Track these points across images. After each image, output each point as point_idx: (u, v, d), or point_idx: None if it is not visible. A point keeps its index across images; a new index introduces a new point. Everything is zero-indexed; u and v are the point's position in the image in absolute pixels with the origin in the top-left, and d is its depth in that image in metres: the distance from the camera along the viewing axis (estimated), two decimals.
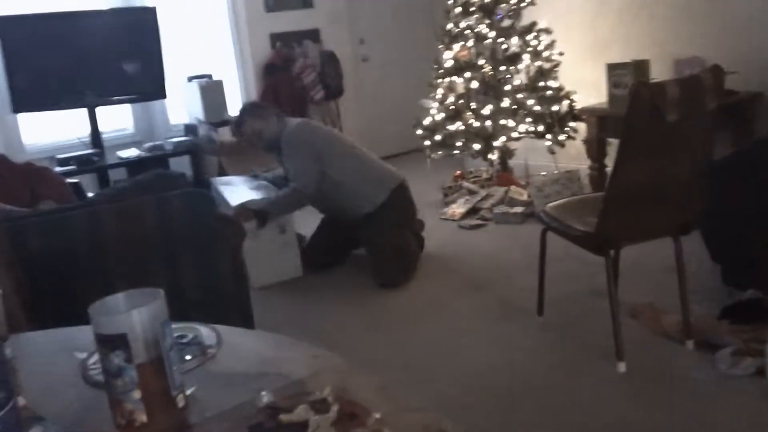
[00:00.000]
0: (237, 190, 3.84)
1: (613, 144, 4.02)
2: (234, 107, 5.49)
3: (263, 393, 0.87)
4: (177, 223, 2.24)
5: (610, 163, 2.44)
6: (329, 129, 3.81)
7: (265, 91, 5.69)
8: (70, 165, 4.51)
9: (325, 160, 3.56)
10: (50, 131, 5.03)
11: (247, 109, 3.81)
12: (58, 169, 4.33)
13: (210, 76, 5.27)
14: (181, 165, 5.06)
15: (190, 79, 5.23)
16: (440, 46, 4.80)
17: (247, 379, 0.96)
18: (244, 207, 3.52)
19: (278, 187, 3.83)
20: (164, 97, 5.07)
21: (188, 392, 0.93)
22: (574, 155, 4.60)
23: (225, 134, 5.00)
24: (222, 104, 5.19)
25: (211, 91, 5.13)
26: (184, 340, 1.10)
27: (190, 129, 5.26)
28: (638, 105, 2.28)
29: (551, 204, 2.79)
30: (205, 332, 1.13)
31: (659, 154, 2.34)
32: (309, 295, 3.55)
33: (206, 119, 5.08)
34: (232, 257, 2.39)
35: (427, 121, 4.83)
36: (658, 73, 4.08)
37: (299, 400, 0.84)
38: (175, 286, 2.18)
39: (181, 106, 5.44)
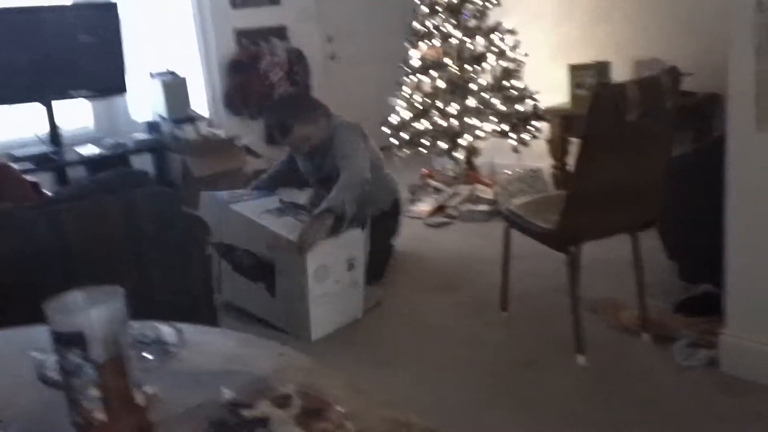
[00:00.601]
0: (262, 211, 3.10)
1: (575, 143, 4.08)
2: (198, 104, 5.44)
3: (225, 390, 0.87)
4: (142, 222, 2.21)
5: (572, 162, 2.50)
6: None
7: (231, 89, 5.64)
8: (27, 163, 4.40)
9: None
10: (5, 127, 4.91)
11: (294, 113, 3.27)
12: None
13: (174, 73, 5.20)
14: (144, 163, 4.99)
15: (153, 75, 5.15)
16: (406, 44, 4.83)
17: (211, 378, 0.96)
18: (318, 219, 2.86)
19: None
20: (124, 92, 4.98)
21: (150, 391, 0.92)
22: (538, 154, 4.66)
23: (189, 132, 4.94)
24: (185, 101, 5.12)
25: (175, 87, 5.05)
26: (146, 339, 1.09)
27: (152, 126, 5.18)
28: (599, 105, 2.33)
29: (515, 202, 2.83)
30: (168, 331, 1.13)
31: (620, 154, 2.39)
32: None
33: (169, 116, 5.02)
34: (199, 256, 2.37)
35: (394, 120, 4.85)
36: (619, 74, 4.16)
37: (262, 396, 0.84)
38: (140, 286, 2.16)
39: (144, 103, 5.35)
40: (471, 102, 4.60)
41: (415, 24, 4.77)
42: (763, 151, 2.16)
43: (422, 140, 4.75)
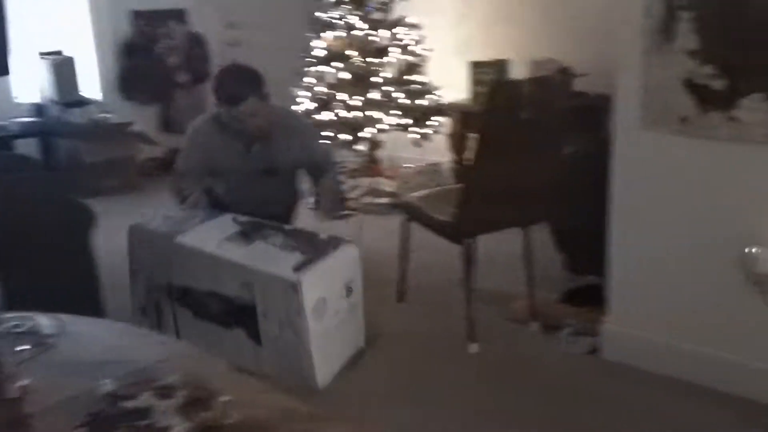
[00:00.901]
0: (221, 240, 2.52)
1: (474, 139, 4.19)
2: (91, 88, 5.18)
3: (105, 381, 0.84)
4: (20, 208, 2.09)
5: (471, 156, 2.58)
6: None
7: (126, 73, 5.41)
8: None
9: None
10: None
11: (249, 85, 2.90)
12: None
13: (63, 54, 4.93)
14: (30, 148, 4.70)
15: (41, 55, 4.86)
16: (310, 34, 4.79)
17: (90, 368, 0.92)
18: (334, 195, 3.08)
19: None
20: (6, 73, 4.66)
21: (24, 382, 0.87)
22: (439, 149, 4.75)
23: (79, 116, 4.70)
24: (74, 83, 4.87)
25: (64, 69, 4.79)
26: (20, 329, 1.03)
27: (39, 109, 4.89)
28: (496, 102, 2.41)
29: (414, 195, 2.88)
30: (45, 321, 1.07)
31: (514, 150, 2.47)
32: None
33: (58, 99, 4.75)
34: (81, 244, 2.26)
35: (296, 110, 4.80)
36: (518, 73, 4.30)
37: (143, 386, 0.81)
38: (19, 274, 2.04)
39: (31, 85, 5.04)
40: (374, 95, 4.62)
41: (319, 14, 4.74)
42: (647, 149, 2.30)
43: (324, 132, 4.73)
